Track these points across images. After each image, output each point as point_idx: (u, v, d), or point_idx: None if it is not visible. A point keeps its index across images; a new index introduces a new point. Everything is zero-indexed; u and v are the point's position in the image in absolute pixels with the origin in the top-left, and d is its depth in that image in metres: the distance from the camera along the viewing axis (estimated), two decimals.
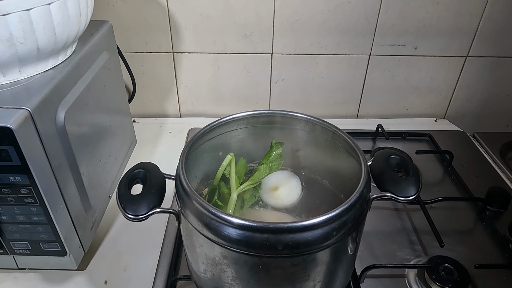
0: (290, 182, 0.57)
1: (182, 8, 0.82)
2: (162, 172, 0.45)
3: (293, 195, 0.55)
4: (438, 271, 0.54)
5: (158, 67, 0.90)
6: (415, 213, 0.67)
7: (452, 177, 0.76)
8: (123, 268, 0.59)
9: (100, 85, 0.62)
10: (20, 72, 0.49)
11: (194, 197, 0.40)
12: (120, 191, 0.42)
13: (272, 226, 0.37)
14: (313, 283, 0.42)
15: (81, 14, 0.52)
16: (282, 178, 0.57)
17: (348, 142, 0.48)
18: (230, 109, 0.96)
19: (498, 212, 0.68)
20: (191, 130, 0.88)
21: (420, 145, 0.85)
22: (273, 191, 0.55)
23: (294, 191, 0.56)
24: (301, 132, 0.55)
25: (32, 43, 0.46)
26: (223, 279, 0.43)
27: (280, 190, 0.55)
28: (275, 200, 0.55)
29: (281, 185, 0.56)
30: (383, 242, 0.62)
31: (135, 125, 0.86)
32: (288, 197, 0.55)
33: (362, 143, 0.83)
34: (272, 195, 0.55)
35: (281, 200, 0.54)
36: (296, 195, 0.55)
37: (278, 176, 0.57)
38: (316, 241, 0.38)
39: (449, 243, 0.60)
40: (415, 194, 0.43)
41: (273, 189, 0.56)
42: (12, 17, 0.43)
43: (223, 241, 0.39)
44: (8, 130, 0.41)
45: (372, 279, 0.56)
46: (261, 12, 0.82)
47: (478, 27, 0.85)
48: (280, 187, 0.56)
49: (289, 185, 0.56)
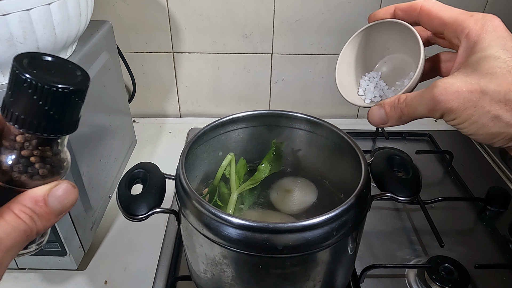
0: (306, 189, 0.56)
1: (182, 8, 0.82)
2: (162, 172, 0.45)
3: (306, 202, 0.55)
4: (438, 271, 0.54)
5: (158, 67, 0.90)
6: (415, 213, 0.67)
7: (452, 177, 0.76)
8: (123, 268, 0.59)
9: (100, 85, 0.62)
10: None
11: (194, 197, 0.40)
12: (120, 191, 0.42)
13: (272, 226, 0.37)
14: (313, 283, 0.42)
15: (81, 14, 0.52)
16: (298, 184, 0.57)
17: (348, 142, 0.48)
18: (230, 109, 0.96)
19: (498, 212, 0.68)
20: (191, 130, 0.88)
21: (420, 145, 0.85)
22: (286, 194, 0.55)
23: (308, 198, 0.55)
24: (301, 132, 0.54)
25: (32, 43, 0.46)
26: (223, 279, 0.43)
27: (294, 194, 0.55)
28: (287, 202, 0.54)
29: (295, 190, 0.56)
30: (383, 242, 0.62)
31: (135, 125, 0.86)
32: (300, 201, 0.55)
33: (362, 143, 0.83)
34: (284, 197, 0.55)
35: (292, 204, 0.54)
36: (309, 201, 0.55)
37: (294, 181, 0.57)
38: (316, 241, 0.38)
39: (449, 243, 0.60)
40: (415, 194, 0.43)
41: (287, 192, 0.55)
42: (12, 17, 0.43)
43: (223, 241, 0.39)
44: None
45: (372, 279, 0.56)
46: (261, 12, 0.82)
47: None
48: (294, 191, 0.55)
49: (305, 192, 0.56)
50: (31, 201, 0.24)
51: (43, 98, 0.22)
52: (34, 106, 0.22)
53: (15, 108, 0.22)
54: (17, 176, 0.24)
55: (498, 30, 0.32)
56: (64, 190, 0.25)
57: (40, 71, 0.22)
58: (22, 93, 0.22)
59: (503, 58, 0.30)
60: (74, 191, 0.26)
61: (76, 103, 0.23)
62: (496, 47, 0.30)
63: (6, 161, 0.24)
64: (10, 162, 0.24)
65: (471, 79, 0.30)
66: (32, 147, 0.24)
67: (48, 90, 0.22)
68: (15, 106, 0.22)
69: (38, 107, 0.22)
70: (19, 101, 0.22)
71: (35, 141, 0.24)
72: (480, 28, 0.32)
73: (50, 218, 0.24)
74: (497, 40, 0.31)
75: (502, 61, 0.29)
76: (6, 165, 0.24)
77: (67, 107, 0.23)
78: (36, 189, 0.24)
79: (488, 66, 0.30)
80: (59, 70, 0.24)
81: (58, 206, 0.25)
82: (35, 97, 0.22)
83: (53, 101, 0.22)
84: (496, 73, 0.29)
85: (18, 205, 0.23)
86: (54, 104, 0.22)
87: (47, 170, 0.25)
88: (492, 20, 0.32)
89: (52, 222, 0.25)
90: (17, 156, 0.24)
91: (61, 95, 0.22)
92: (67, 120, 0.24)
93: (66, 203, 0.25)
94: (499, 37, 0.31)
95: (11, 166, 0.24)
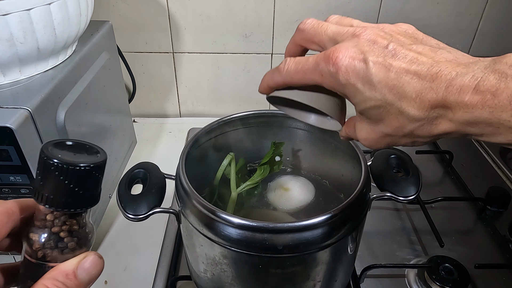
0: (303, 187, 0.56)
1: (182, 8, 0.82)
2: (162, 172, 0.45)
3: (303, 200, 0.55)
4: (438, 271, 0.54)
5: (158, 67, 0.90)
6: (415, 213, 0.67)
7: (452, 177, 0.76)
8: (123, 268, 0.59)
9: (100, 85, 0.62)
10: (20, 72, 0.49)
11: (195, 197, 0.40)
12: (120, 191, 0.42)
13: (272, 226, 0.37)
14: (313, 282, 0.42)
15: (81, 14, 0.52)
16: (296, 182, 0.57)
17: (348, 142, 0.48)
18: (230, 109, 0.96)
19: (498, 212, 0.68)
20: (191, 130, 0.88)
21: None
22: (283, 192, 0.55)
23: (306, 196, 0.55)
24: (301, 132, 0.55)
25: (32, 43, 0.46)
26: (223, 279, 0.43)
27: (292, 192, 0.55)
28: (284, 200, 0.54)
29: (293, 188, 0.56)
30: (383, 242, 0.62)
31: (135, 125, 0.86)
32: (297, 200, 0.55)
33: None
34: (282, 196, 0.55)
35: (289, 202, 0.54)
36: (306, 200, 0.55)
37: (291, 180, 0.57)
38: (316, 241, 0.38)
39: (449, 243, 0.60)
40: (415, 194, 0.43)
41: (284, 190, 0.56)
42: (12, 17, 0.43)
43: (223, 241, 0.39)
44: (8, 130, 0.41)
45: (372, 279, 0.56)
46: (261, 12, 0.82)
47: (478, 27, 0.85)
48: (291, 189, 0.55)
49: (302, 190, 0.56)
50: (62, 275, 0.26)
51: (68, 177, 0.25)
52: (61, 185, 0.25)
53: (45, 190, 0.26)
54: (49, 252, 0.27)
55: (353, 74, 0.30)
56: (91, 262, 0.27)
57: (63, 155, 0.26)
58: (50, 176, 0.25)
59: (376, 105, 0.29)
60: (100, 261, 0.28)
61: (97, 178, 0.27)
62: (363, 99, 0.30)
63: (40, 239, 0.27)
64: (42, 240, 0.27)
65: (374, 128, 0.32)
66: (61, 223, 0.27)
67: (73, 170, 0.25)
68: (44, 188, 0.26)
69: (65, 186, 0.25)
70: (48, 184, 0.26)
71: (63, 217, 0.27)
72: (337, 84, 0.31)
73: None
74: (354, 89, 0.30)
75: (376, 108, 0.30)
76: (39, 243, 0.27)
77: (90, 182, 0.27)
78: (66, 263, 0.27)
79: (373, 116, 0.31)
80: (79, 151, 0.28)
81: (86, 277, 0.27)
82: (61, 177, 0.25)
83: (77, 179, 0.26)
84: (382, 118, 0.30)
85: (51, 280, 0.25)
86: (78, 181, 0.26)
87: (75, 242, 0.27)
88: None
89: None
90: (48, 234, 0.27)
91: (83, 173, 0.26)
92: (90, 194, 0.27)
93: (94, 274, 0.27)
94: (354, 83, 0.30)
95: (43, 243, 0.27)
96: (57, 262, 0.27)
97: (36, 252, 0.26)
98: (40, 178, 0.26)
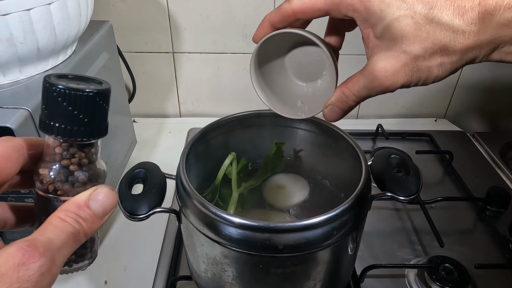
0: (298, 184, 0.56)
1: (182, 8, 0.82)
2: (162, 172, 0.45)
3: (298, 197, 0.55)
4: (438, 271, 0.54)
5: (158, 67, 0.90)
6: (415, 213, 0.67)
7: (452, 177, 0.76)
8: (123, 268, 0.59)
9: None
10: (20, 72, 0.49)
11: (195, 196, 0.40)
12: (120, 191, 0.42)
13: (272, 226, 0.37)
14: (314, 282, 0.42)
15: (81, 14, 0.52)
16: (290, 179, 0.57)
17: (348, 142, 0.48)
18: (230, 109, 0.95)
19: (498, 212, 0.68)
20: (191, 130, 0.88)
21: (420, 145, 0.85)
22: (278, 190, 0.55)
23: (301, 193, 0.56)
24: (302, 132, 0.55)
25: (32, 43, 0.46)
26: (223, 279, 0.43)
27: (287, 190, 0.55)
28: (279, 199, 0.54)
29: (288, 185, 0.56)
30: (383, 242, 0.62)
31: (135, 125, 0.86)
32: (293, 197, 0.55)
33: (362, 143, 0.83)
34: (277, 193, 0.55)
35: (285, 200, 0.54)
36: (301, 197, 0.55)
37: (285, 177, 0.57)
38: (317, 241, 0.38)
39: (449, 243, 0.60)
40: (416, 194, 0.43)
41: (279, 188, 0.56)
42: (12, 17, 0.43)
43: (224, 241, 0.39)
44: (8, 130, 0.41)
45: (372, 279, 0.56)
46: (261, 12, 0.82)
47: None
48: (286, 187, 0.56)
49: (296, 187, 0.56)
50: (75, 206, 0.26)
51: (72, 103, 0.25)
52: (65, 112, 0.25)
53: (50, 119, 0.25)
54: (59, 186, 0.27)
55: None
56: (104, 193, 0.27)
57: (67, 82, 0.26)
58: (54, 103, 0.25)
59: (402, 14, 0.29)
60: (113, 193, 0.28)
61: (102, 106, 0.27)
62: (387, 9, 0.29)
63: (50, 173, 0.27)
64: (52, 173, 0.27)
65: (395, 51, 0.30)
66: (70, 155, 0.27)
67: (76, 95, 0.25)
68: (49, 116, 0.25)
69: (69, 112, 0.25)
70: (52, 111, 0.25)
71: (72, 149, 0.27)
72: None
73: (94, 220, 0.26)
74: (382, 2, 0.30)
75: (404, 18, 0.29)
76: (49, 177, 0.27)
77: (95, 110, 0.26)
78: (77, 196, 0.27)
79: (397, 31, 0.29)
80: (82, 82, 0.27)
81: (100, 208, 0.27)
82: (65, 103, 0.25)
83: (82, 106, 0.25)
84: (409, 33, 0.29)
85: (64, 211, 0.25)
86: (82, 108, 0.25)
87: (85, 177, 0.27)
88: None
89: (97, 224, 0.27)
90: (58, 167, 0.27)
91: (88, 99, 0.25)
92: (96, 124, 0.27)
93: (107, 205, 0.27)
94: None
95: (54, 177, 0.27)
96: (69, 196, 0.27)
97: (47, 186, 0.27)
98: (45, 107, 0.25)
